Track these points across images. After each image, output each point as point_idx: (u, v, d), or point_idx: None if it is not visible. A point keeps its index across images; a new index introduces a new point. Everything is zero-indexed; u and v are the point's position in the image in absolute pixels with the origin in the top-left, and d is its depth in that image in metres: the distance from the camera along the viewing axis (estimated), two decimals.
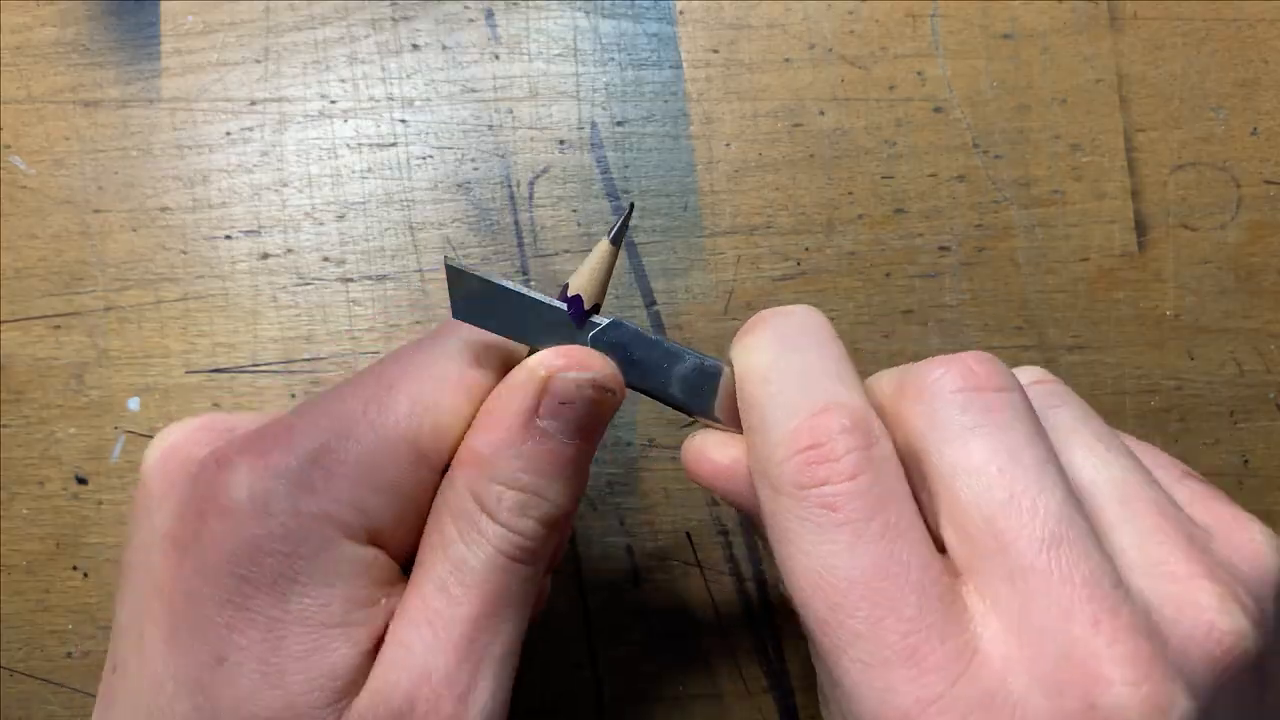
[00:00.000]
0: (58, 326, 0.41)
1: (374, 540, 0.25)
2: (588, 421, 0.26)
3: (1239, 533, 0.23)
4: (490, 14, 0.42)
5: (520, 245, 0.41)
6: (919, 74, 0.42)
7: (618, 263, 0.41)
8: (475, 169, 0.42)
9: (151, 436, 0.40)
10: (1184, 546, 0.21)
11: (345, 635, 0.24)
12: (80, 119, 0.42)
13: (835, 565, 0.21)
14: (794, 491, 0.22)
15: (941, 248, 0.41)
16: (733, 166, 0.42)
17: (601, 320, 0.27)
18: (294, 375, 0.40)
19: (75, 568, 0.40)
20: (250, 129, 0.42)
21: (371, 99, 0.42)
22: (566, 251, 0.41)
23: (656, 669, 0.40)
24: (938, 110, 0.42)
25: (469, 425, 0.26)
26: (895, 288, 0.41)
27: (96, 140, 0.41)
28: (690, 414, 0.27)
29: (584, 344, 0.27)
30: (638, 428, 0.40)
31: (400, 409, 0.25)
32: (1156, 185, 0.42)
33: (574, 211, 0.41)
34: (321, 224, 0.41)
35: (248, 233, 0.41)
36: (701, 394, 0.27)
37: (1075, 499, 0.21)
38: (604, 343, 0.27)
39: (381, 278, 0.41)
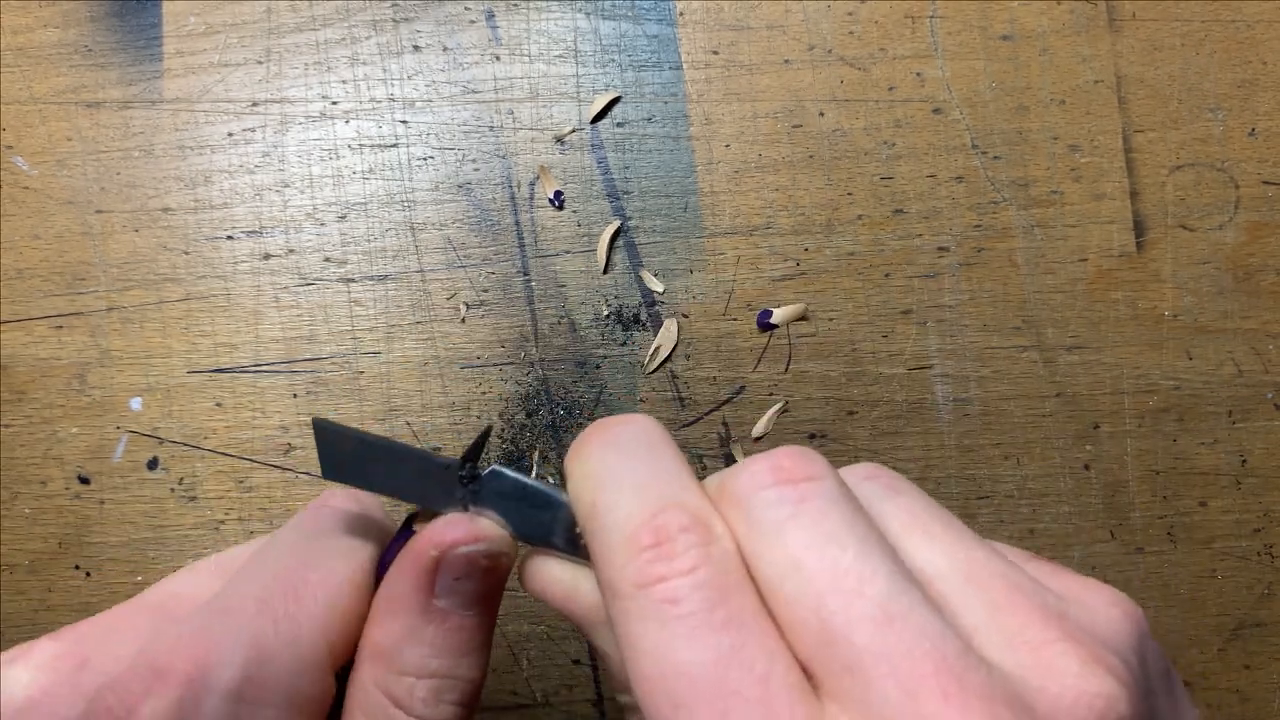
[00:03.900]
0: (60, 327, 0.41)
1: None
2: (486, 590, 0.25)
3: (1092, 595, 0.22)
4: (491, 15, 0.43)
5: (521, 246, 0.41)
6: (918, 75, 0.42)
7: (618, 263, 0.41)
8: (476, 170, 0.42)
9: (154, 437, 0.40)
10: (1038, 614, 0.20)
11: None
12: (82, 120, 0.42)
13: (677, 660, 0.19)
14: (635, 591, 0.20)
15: (940, 248, 0.42)
16: (733, 167, 0.42)
17: (479, 470, 0.25)
18: (296, 375, 0.40)
19: (78, 567, 0.40)
20: (252, 130, 0.42)
21: (373, 100, 0.42)
22: (567, 252, 0.41)
23: None
24: (937, 111, 0.42)
25: (364, 620, 0.25)
26: (894, 288, 0.41)
27: (99, 141, 0.42)
28: (577, 559, 0.25)
29: (464, 497, 0.25)
30: None
31: (314, 621, 0.23)
32: (1155, 186, 0.42)
33: (574, 212, 0.42)
34: (323, 224, 0.41)
35: (250, 233, 0.41)
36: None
37: (905, 573, 0.20)
38: (486, 493, 0.25)
39: (383, 278, 0.41)
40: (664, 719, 0.19)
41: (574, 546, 0.25)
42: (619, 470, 0.23)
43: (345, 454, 0.25)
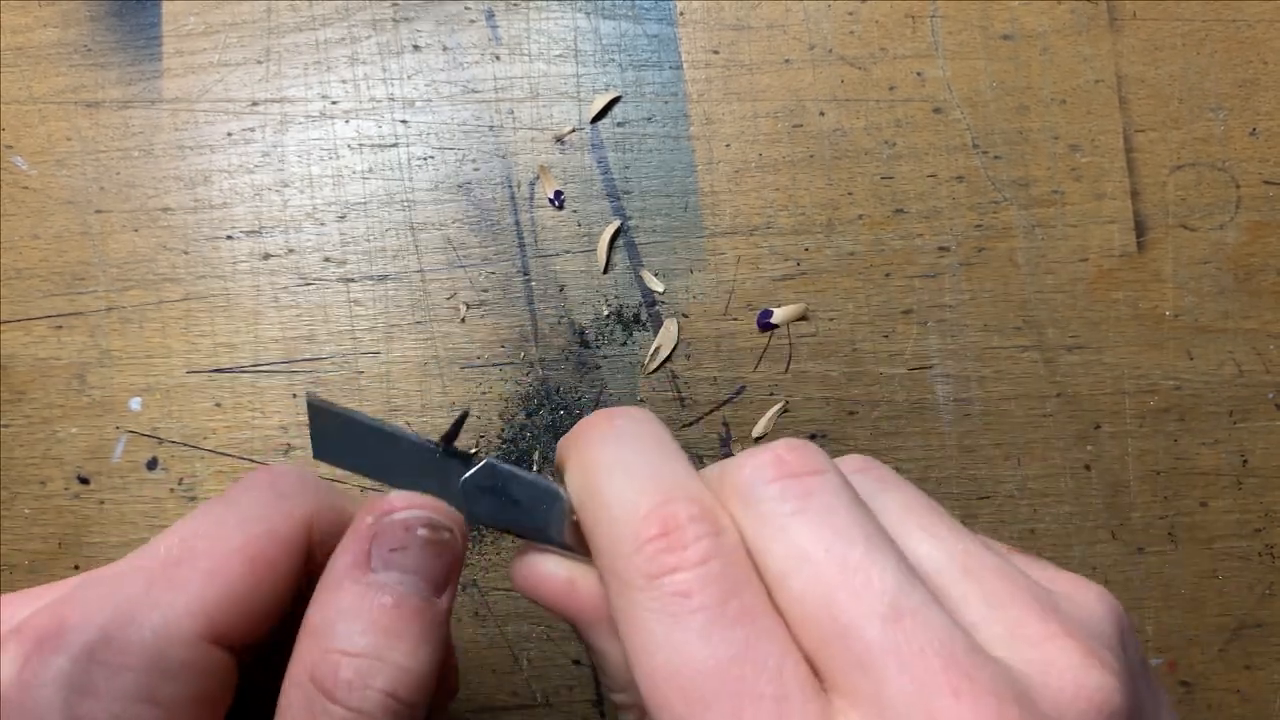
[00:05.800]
0: (59, 327, 0.41)
1: None
2: (428, 568, 0.24)
3: (1079, 591, 0.22)
4: (491, 15, 0.43)
5: (521, 245, 0.41)
6: (919, 75, 0.42)
7: (618, 263, 0.41)
8: (476, 169, 0.42)
9: (154, 437, 0.40)
10: (1036, 608, 0.21)
11: None
12: (82, 119, 0.42)
13: (692, 655, 0.19)
14: (644, 583, 0.20)
15: (941, 248, 0.42)
16: (733, 167, 0.42)
17: (474, 460, 0.25)
18: (295, 375, 0.40)
19: (77, 567, 0.40)
20: (252, 129, 0.42)
21: (373, 100, 0.42)
22: (567, 252, 0.41)
23: None
24: (937, 111, 0.42)
25: (273, 596, 0.24)
26: (895, 288, 0.41)
27: (98, 141, 0.42)
28: (574, 554, 0.25)
29: (455, 487, 0.25)
30: None
31: (189, 586, 0.22)
32: (1156, 186, 0.42)
33: (574, 212, 0.41)
34: (323, 224, 0.41)
35: (249, 233, 0.41)
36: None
37: (911, 569, 0.20)
38: (476, 486, 0.25)
39: (383, 278, 0.41)
40: (675, 716, 0.19)
41: (571, 540, 0.24)
42: (622, 459, 0.22)
43: (339, 435, 0.24)
